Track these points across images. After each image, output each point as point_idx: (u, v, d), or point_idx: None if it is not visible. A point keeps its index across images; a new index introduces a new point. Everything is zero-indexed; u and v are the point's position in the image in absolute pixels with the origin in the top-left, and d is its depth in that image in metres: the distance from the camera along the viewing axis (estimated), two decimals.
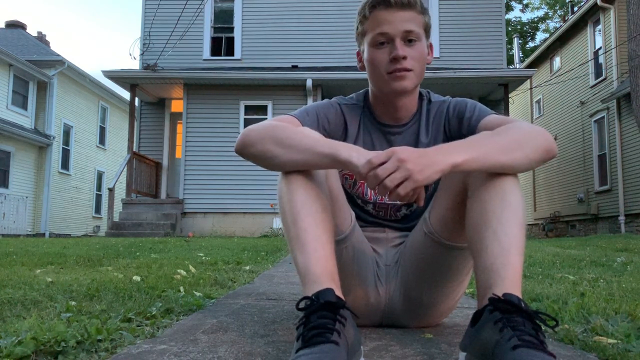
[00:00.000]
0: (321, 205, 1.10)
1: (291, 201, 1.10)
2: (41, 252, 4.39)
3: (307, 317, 0.95)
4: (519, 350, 0.83)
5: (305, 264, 1.04)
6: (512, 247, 1.00)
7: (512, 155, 1.06)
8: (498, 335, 0.87)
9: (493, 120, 1.24)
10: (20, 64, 14.47)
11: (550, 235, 14.60)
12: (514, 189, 1.07)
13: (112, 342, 1.19)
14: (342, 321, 0.94)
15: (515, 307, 0.90)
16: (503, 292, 0.93)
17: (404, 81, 1.27)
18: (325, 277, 1.02)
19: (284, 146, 1.11)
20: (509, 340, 0.85)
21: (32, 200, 15.07)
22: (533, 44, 28.03)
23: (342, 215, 1.25)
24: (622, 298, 1.93)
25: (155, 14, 11.85)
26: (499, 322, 0.89)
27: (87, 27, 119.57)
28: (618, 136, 12.55)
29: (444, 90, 10.55)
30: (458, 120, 1.34)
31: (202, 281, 2.46)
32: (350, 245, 1.29)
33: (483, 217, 1.05)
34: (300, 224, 1.07)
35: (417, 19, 1.28)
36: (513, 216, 1.03)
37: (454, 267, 1.29)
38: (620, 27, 12.40)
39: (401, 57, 1.25)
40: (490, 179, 1.07)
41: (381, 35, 1.27)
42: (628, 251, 5.41)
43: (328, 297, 0.96)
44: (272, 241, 7.17)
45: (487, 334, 0.90)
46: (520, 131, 1.11)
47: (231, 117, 11.06)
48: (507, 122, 1.19)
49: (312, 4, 12.27)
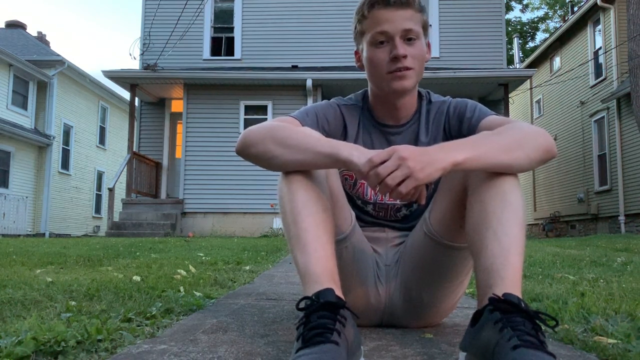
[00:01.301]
0: (322, 206, 1.10)
1: (292, 201, 1.10)
2: (41, 252, 4.38)
3: (307, 317, 0.94)
4: (519, 350, 0.83)
5: (306, 264, 1.04)
6: (512, 247, 1.00)
7: (512, 155, 1.06)
8: (498, 335, 0.87)
9: (493, 121, 1.25)
10: (20, 64, 14.46)
11: (550, 235, 14.60)
12: (514, 189, 1.07)
13: (112, 342, 1.19)
14: (342, 321, 0.94)
15: (515, 307, 0.90)
16: (503, 292, 0.93)
17: (404, 81, 1.27)
18: (326, 277, 1.02)
19: (285, 146, 1.11)
20: (509, 340, 0.85)
21: (32, 200, 15.07)
22: (533, 44, 28.04)
23: (342, 215, 1.25)
24: (622, 298, 1.93)
25: (155, 14, 11.85)
26: (499, 322, 0.89)
27: (87, 27, 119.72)
28: (618, 136, 12.55)
29: (443, 90, 10.55)
30: (458, 121, 1.33)
31: (202, 281, 2.46)
32: (350, 245, 1.29)
33: (483, 217, 1.05)
34: (301, 224, 1.07)
35: (416, 17, 1.28)
36: (513, 216, 1.03)
37: (453, 267, 1.29)
38: (620, 27, 12.40)
39: (402, 56, 1.25)
40: (490, 178, 1.07)
41: (381, 34, 1.27)
42: (628, 251, 5.41)
43: (328, 297, 0.96)
44: (272, 241, 7.17)
45: (487, 333, 0.90)
46: (520, 131, 1.11)
47: (231, 117, 11.06)
48: (508, 123, 1.19)
49: (312, 4, 12.26)
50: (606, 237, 9.43)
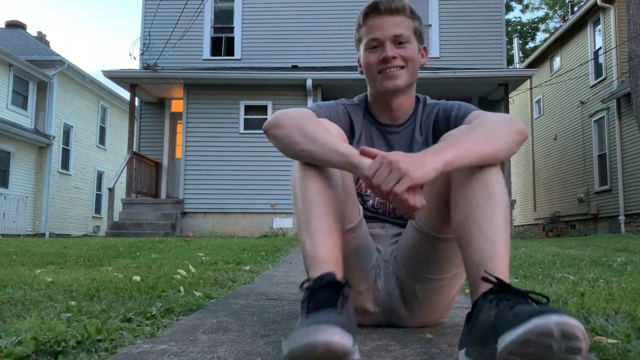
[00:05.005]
0: (334, 195, 1.15)
1: (305, 188, 1.14)
2: (41, 252, 4.38)
3: (311, 293, 0.99)
4: (517, 307, 0.87)
5: (313, 250, 1.09)
6: (497, 239, 1.05)
7: (494, 144, 1.11)
8: (495, 310, 0.92)
9: (473, 116, 1.33)
10: (20, 64, 14.46)
11: (550, 235, 14.61)
12: (497, 180, 1.11)
13: (112, 342, 1.19)
14: (345, 299, 0.98)
15: (507, 286, 0.95)
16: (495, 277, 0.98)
17: (395, 80, 1.38)
18: (331, 263, 1.07)
19: (307, 137, 1.16)
20: (508, 307, 0.89)
21: (32, 200, 15.07)
22: (533, 44, 28.04)
23: (351, 206, 1.29)
24: (622, 298, 1.93)
25: (155, 14, 11.85)
26: (494, 300, 0.94)
27: (88, 27, 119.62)
28: (618, 136, 12.55)
29: (443, 91, 10.56)
30: (445, 120, 1.42)
31: (202, 281, 2.46)
32: (356, 236, 1.31)
33: (468, 211, 1.09)
34: (312, 211, 1.12)
35: (406, 23, 1.39)
36: (497, 209, 1.08)
37: (443, 259, 1.31)
38: (620, 27, 12.40)
39: (390, 58, 1.36)
40: (473, 171, 1.11)
41: (374, 40, 1.39)
42: (628, 251, 5.40)
43: (332, 278, 1.01)
44: (272, 241, 7.17)
45: (484, 316, 0.94)
46: (492, 121, 1.19)
47: (231, 117, 11.05)
48: (479, 116, 1.28)
49: (312, 4, 12.26)
50: (606, 237, 9.43)
